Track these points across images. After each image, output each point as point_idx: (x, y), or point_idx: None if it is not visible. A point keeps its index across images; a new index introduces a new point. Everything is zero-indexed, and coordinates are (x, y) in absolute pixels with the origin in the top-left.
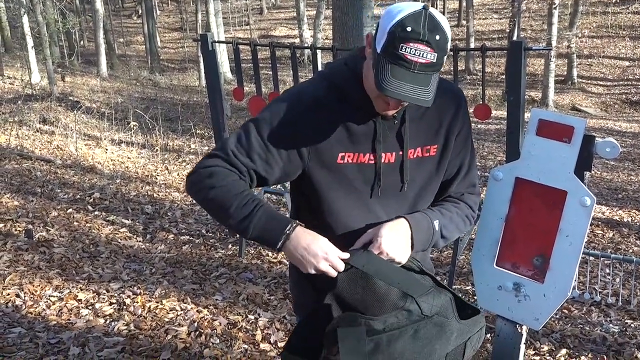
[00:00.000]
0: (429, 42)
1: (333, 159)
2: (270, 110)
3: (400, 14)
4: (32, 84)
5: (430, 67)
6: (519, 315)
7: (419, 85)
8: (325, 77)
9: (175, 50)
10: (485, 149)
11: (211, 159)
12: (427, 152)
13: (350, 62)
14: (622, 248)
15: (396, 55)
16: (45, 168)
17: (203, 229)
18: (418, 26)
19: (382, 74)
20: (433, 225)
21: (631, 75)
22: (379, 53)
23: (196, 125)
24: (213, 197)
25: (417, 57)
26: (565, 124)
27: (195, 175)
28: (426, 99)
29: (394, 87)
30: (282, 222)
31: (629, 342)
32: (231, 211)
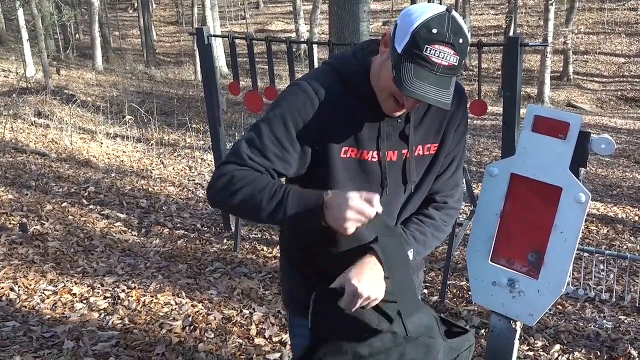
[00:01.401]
0: (453, 45)
1: (337, 153)
2: (280, 106)
3: (424, 14)
4: (27, 77)
5: (452, 70)
6: (513, 311)
7: (441, 87)
8: (334, 68)
9: (171, 44)
10: (481, 144)
11: (226, 166)
12: (428, 151)
13: (359, 55)
14: (617, 244)
15: (420, 56)
16: (40, 161)
17: (198, 223)
18: (443, 28)
19: (405, 74)
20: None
21: (627, 72)
22: (400, 53)
23: (192, 120)
24: (240, 201)
25: (440, 59)
26: (560, 120)
27: (214, 189)
28: (446, 101)
29: (415, 88)
30: (314, 195)
31: (622, 338)
32: (263, 205)
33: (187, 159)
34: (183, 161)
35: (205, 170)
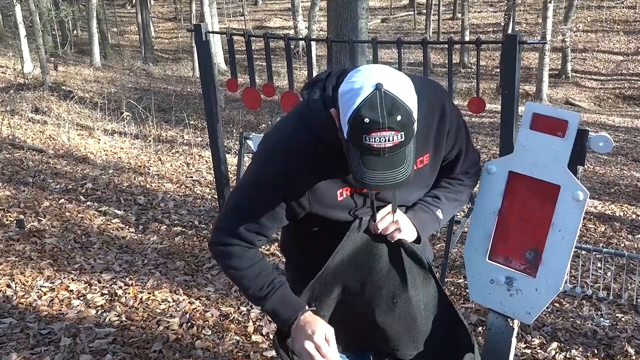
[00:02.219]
0: (391, 127)
1: (334, 199)
2: (260, 170)
3: (355, 100)
4: (24, 73)
5: (399, 146)
6: (511, 309)
7: (394, 167)
8: (304, 121)
9: (169, 41)
10: (479, 142)
11: (224, 238)
12: (422, 163)
13: (328, 100)
14: (614, 242)
15: (362, 145)
16: (37, 158)
17: (196, 220)
18: (375, 114)
19: (357, 165)
20: (437, 216)
21: (625, 70)
22: (347, 139)
23: (190, 116)
24: (233, 277)
25: (383, 144)
26: (559, 118)
27: (213, 252)
28: (405, 175)
29: (370, 179)
30: (291, 310)
31: (620, 336)
32: (248, 293)
33: (185, 156)
34: (181, 158)
35: (203, 167)
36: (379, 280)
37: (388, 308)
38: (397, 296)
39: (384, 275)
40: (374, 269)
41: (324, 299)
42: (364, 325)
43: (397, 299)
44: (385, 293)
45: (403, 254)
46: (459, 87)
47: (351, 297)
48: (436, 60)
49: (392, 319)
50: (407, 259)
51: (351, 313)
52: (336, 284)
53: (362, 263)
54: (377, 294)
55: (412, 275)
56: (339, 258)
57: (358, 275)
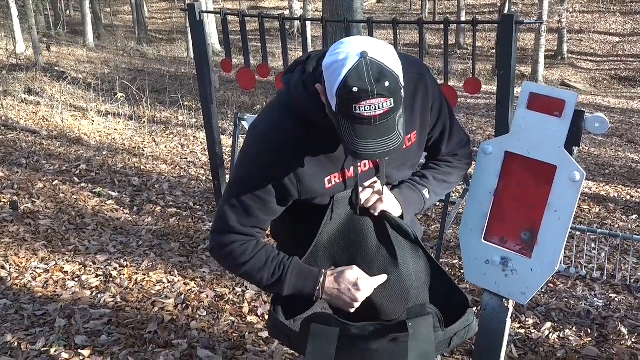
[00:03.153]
0: (380, 94)
1: (322, 186)
2: (247, 162)
3: (341, 70)
4: (16, 54)
5: (389, 113)
6: (506, 289)
7: (386, 135)
8: (287, 108)
9: (163, 21)
10: (475, 123)
11: (221, 237)
12: (409, 141)
13: (308, 82)
14: (608, 223)
15: (352, 116)
16: (31, 139)
17: (190, 201)
18: (363, 83)
19: (348, 137)
20: (423, 195)
21: (621, 51)
22: (336, 112)
23: (184, 97)
24: (243, 274)
25: (373, 112)
26: (556, 98)
27: (217, 257)
28: (397, 143)
29: (363, 149)
30: (311, 278)
31: (613, 316)
32: (263, 284)
33: (179, 137)
34: (175, 139)
35: (197, 149)
36: (369, 257)
37: (381, 285)
38: (389, 272)
39: (374, 252)
40: (363, 246)
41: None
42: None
43: (390, 275)
44: (376, 270)
45: (389, 228)
46: (455, 68)
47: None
48: (432, 41)
49: (386, 295)
50: (393, 233)
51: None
52: (327, 263)
53: (350, 240)
54: (369, 272)
55: (401, 248)
56: (326, 236)
57: (348, 253)
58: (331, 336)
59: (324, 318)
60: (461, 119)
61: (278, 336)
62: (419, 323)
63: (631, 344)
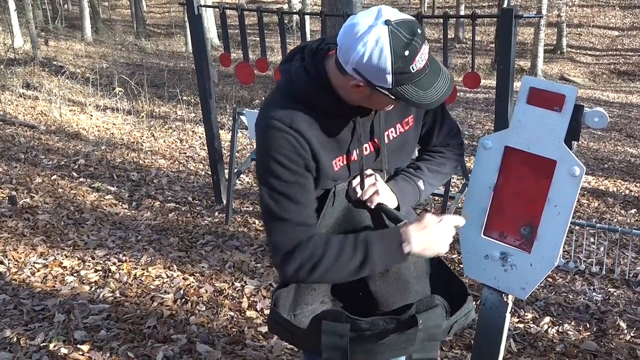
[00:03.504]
0: (422, 42)
1: (331, 169)
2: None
3: (385, 52)
4: (14, 48)
5: (431, 54)
6: (505, 284)
7: (440, 70)
8: (289, 95)
9: (162, 15)
10: (474, 117)
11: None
12: (407, 125)
13: (310, 68)
14: (607, 217)
15: (412, 74)
16: (29, 134)
17: (189, 196)
18: (408, 43)
19: (413, 96)
20: (418, 187)
21: (620, 45)
22: (392, 88)
23: (183, 92)
24: (327, 272)
25: (424, 59)
26: (556, 92)
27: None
28: (450, 84)
29: (432, 98)
30: (393, 238)
31: (612, 310)
32: (350, 275)
33: (178, 132)
34: (174, 134)
35: (196, 143)
36: None
37: (380, 276)
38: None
39: None
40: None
41: None
42: (358, 296)
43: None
44: None
45: (386, 220)
46: (454, 63)
47: None
48: (431, 35)
49: (386, 286)
50: (390, 224)
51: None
52: None
53: (347, 233)
54: None
55: None
56: (324, 229)
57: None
58: (343, 332)
59: (334, 315)
60: (460, 113)
61: (279, 332)
62: (428, 317)
63: (630, 338)
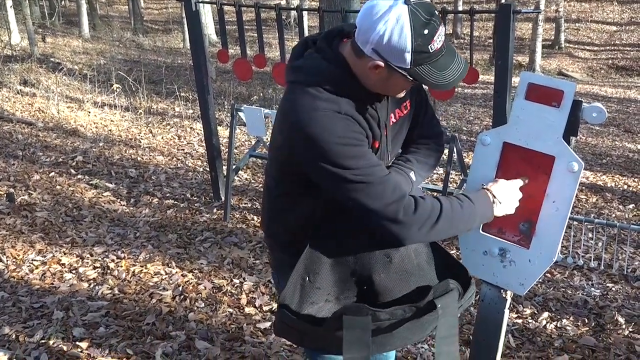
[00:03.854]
0: (439, 23)
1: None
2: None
3: (405, 31)
4: (11, 45)
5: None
6: (504, 280)
7: (454, 56)
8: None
9: (159, 11)
10: (472, 113)
11: (398, 191)
12: (405, 109)
13: (331, 58)
14: (605, 213)
15: (430, 54)
16: (27, 131)
17: (188, 192)
18: (427, 22)
19: (431, 76)
20: (410, 178)
21: (618, 40)
22: (410, 68)
23: (180, 88)
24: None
25: (442, 40)
26: (555, 88)
27: (419, 230)
28: (464, 62)
29: (448, 79)
30: (486, 197)
31: (610, 305)
32: (468, 225)
33: (176, 128)
34: (172, 130)
35: (194, 140)
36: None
37: (384, 267)
38: (391, 254)
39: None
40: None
41: (320, 268)
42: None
43: (392, 257)
44: (378, 254)
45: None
46: None
47: (345, 264)
48: None
49: (389, 276)
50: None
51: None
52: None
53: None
54: (371, 257)
55: None
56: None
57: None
58: (365, 325)
59: (354, 309)
60: (458, 108)
61: (289, 334)
62: (446, 301)
63: (628, 333)
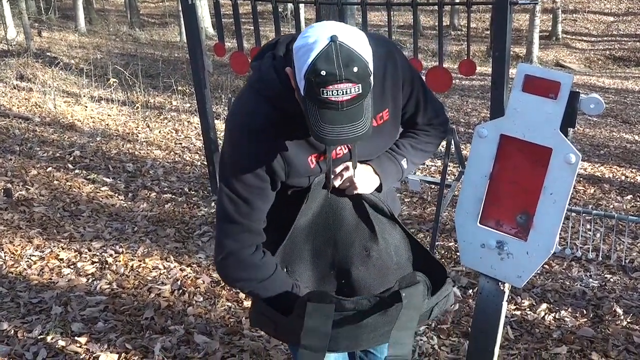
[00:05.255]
0: (348, 79)
1: (307, 166)
2: (234, 154)
3: (310, 54)
4: (7, 40)
5: (357, 99)
6: (502, 273)
7: (353, 121)
8: (260, 94)
9: (156, 5)
10: (469, 105)
11: (230, 244)
12: (381, 119)
13: (280, 69)
14: (603, 204)
15: (319, 100)
16: (24, 126)
17: (185, 187)
18: (332, 66)
19: (315, 122)
20: (401, 165)
21: (615, 31)
22: (303, 96)
23: (177, 82)
24: (253, 293)
25: (341, 97)
26: (551, 80)
27: (227, 272)
28: (364, 129)
29: (330, 135)
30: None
31: (608, 297)
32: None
33: (173, 122)
34: (169, 124)
35: (192, 134)
36: (348, 235)
37: (362, 262)
38: (370, 248)
39: (352, 229)
40: (341, 225)
41: (297, 262)
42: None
43: (370, 251)
44: (357, 247)
45: (367, 206)
46: (449, 50)
47: (324, 257)
48: (426, 23)
49: (367, 271)
50: (371, 209)
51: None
52: (307, 245)
53: (328, 221)
54: (350, 250)
55: (379, 223)
56: (304, 218)
57: (327, 233)
58: (327, 313)
59: (319, 295)
60: (456, 100)
61: (263, 324)
62: (411, 292)
63: (626, 324)
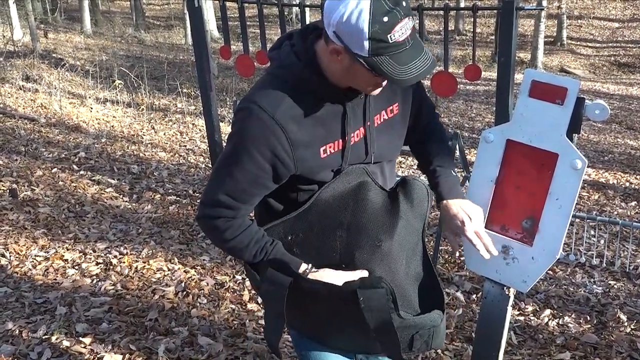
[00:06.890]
0: (406, 14)
1: (317, 156)
2: (241, 136)
3: (363, 15)
4: (14, 41)
5: (415, 31)
6: (507, 278)
7: (420, 54)
8: (281, 80)
9: (161, 7)
10: (474, 110)
11: (208, 210)
12: (392, 112)
13: (301, 53)
14: (607, 210)
15: (389, 46)
16: (29, 127)
17: (190, 189)
18: (389, 11)
19: (389, 69)
20: (456, 175)
21: (620, 37)
22: (368, 56)
23: (182, 84)
24: (227, 250)
25: (405, 34)
26: (558, 86)
27: (201, 225)
28: (431, 62)
29: (409, 74)
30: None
31: (612, 303)
32: (248, 262)
33: (178, 124)
34: (174, 126)
35: (196, 136)
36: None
37: (370, 250)
38: (382, 240)
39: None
40: (357, 214)
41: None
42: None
43: (382, 243)
44: (371, 231)
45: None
46: (454, 55)
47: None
48: (431, 27)
49: (372, 260)
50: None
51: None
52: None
53: (346, 205)
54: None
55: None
56: (327, 194)
57: (341, 216)
58: (283, 284)
59: (279, 263)
60: (460, 105)
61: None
62: (370, 296)
63: (630, 331)
